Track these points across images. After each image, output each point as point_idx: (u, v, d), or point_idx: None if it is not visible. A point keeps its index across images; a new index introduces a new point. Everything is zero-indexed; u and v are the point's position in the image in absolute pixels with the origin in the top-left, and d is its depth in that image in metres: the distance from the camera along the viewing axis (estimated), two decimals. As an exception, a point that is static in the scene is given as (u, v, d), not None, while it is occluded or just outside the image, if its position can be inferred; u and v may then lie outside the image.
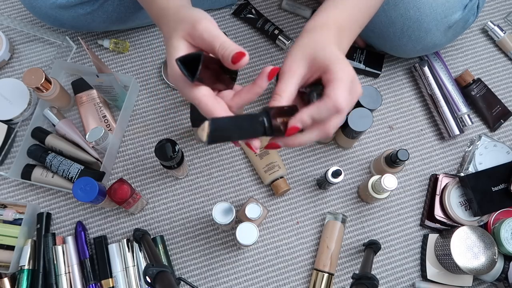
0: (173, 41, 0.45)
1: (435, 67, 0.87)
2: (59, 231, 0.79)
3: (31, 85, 0.74)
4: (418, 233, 0.80)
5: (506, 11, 0.95)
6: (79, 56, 0.89)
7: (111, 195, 0.69)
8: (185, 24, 0.45)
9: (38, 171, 0.77)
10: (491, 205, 0.76)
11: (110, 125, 0.83)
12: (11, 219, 0.75)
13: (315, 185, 0.82)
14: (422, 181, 0.83)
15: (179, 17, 0.47)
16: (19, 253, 0.73)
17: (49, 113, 0.80)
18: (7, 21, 0.87)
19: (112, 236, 0.79)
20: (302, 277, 0.78)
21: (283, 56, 0.90)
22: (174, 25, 0.46)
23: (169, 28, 0.47)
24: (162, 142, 0.66)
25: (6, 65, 0.88)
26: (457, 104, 0.84)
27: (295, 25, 0.92)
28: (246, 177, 0.82)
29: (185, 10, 0.47)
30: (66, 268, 0.74)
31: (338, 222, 0.77)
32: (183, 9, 0.48)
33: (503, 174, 0.77)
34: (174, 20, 0.47)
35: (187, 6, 0.49)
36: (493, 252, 0.72)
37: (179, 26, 0.46)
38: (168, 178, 0.82)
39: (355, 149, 0.85)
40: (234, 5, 0.93)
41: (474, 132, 0.86)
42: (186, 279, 0.70)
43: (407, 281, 0.78)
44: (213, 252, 0.78)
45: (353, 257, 0.79)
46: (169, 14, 0.48)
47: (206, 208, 0.81)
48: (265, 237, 0.79)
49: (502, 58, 0.91)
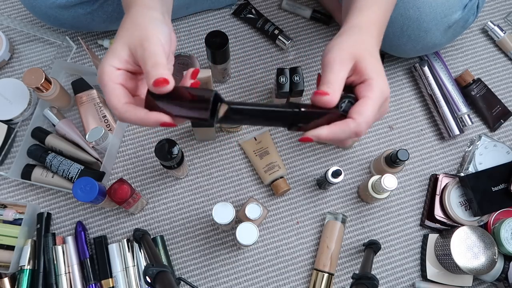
0: (116, 44, 0.44)
1: (435, 67, 0.87)
2: (59, 231, 0.79)
3: (31, 85, 0.74)
4: (418, 233, 0.80)
5: (506, 11, 0.95)
6: (79, 56, 0.89)
7: (111, 195, 0.69)
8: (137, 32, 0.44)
9: (38, 171, 0.77)
10: (491, 205, 0.76)
11: (110, 125, 0.83)
12: (11, 219, 0.75)
13: (315, 185, 0.82)
14: (422, 181, 0.83)
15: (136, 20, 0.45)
16: (19, 253, 0.73)
17: (49, 113, 0.80)
18: (7, 21, 0.87)
19: (112, 236, 0.79)
20: (302, 277, 0.78)
21: (283, 56, 0.90)
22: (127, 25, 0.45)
23: (122, 27, 0.46)
24: (162, 142, 0.66)
25: (6, 65, 0.88)
26: (457, 104, 0.84)
27: (295, 25, 0.92)
28: (246, 177, 0.82)
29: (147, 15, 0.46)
30: (66, 268, 0.74)
31: (338, 222, 0.77)
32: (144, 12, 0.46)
33: (503, 174, 0.77)
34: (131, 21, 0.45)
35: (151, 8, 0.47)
36: (493, 252, 0.72)
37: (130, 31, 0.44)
38: (168, 178, 0.82)
39: (355, 149, 0.85)
40: (234, 5, 0.93)
41: (474, 132, 0.86)
42: (186, 279, 0.70)
43: (407, 281, 0.78)
44: (213, 252, 0.78)
45: (353, 257, 0.79)
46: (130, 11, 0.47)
47: (206, 208, 0.81)
48: (265, 237, 0.79)
49: (502, 58, 0.91)
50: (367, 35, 0.48)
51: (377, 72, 0.45)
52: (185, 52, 0.88)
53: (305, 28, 0.92)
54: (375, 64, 0.45)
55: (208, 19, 0.92)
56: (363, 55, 0.45)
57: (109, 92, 0.43)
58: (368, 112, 0.43)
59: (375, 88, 0.44)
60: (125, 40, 0.44)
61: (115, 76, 0.43)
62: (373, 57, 0.46)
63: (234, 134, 0.85)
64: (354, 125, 0.42)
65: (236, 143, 0.84)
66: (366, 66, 0.44)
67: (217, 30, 0.72)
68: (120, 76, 0.44)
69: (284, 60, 0.90)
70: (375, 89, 0.44)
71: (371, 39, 0.48)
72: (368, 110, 0.43)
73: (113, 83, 0.43)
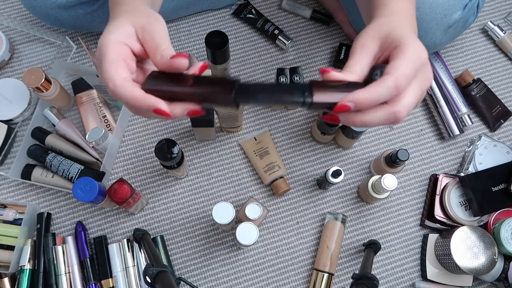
0: (119, 20, 0.41)
1: (435, 67, 0.87)
2: (59, 231, 0.79)
3: (31, 85, 0.74)
4: (418, 233, 0.80)
5: (506, 11, 0.95)
6: (79, 56, 0.89)
7: (111, 195, 0.69)
8: (142, 16, 0.41)
9: (38, 171, 0.77)
10: (491, 205, 0.76)
11: (110, 125, 0.83)
12: (11, 219, 0.75)
13: (315, 185, 0.82)
14: (422, 181, 0.83)
15: (137, 7, 0.43)
16: (19, 253, 0.73)
17: (49, 113, 0.80)
18: (7, 21, 0.88)
19: (112, 236, 0.79)
20: (302, 277, 0.78)
21: (283, 56, 0.90)
22: (130, 9, 0.43)
23: (122, 10, 0.43)
24: (162, 142, 0.66)
25: (6, 65, 0.88)
26: (457, 104, 0.84)
27: (295, 25, 0.92)
28: (246, 177, 0.82)
29: (146, 6, 0.44)
30: (66, 268, 0.74)
31: (338, 222, 0.77)
32: (144, 4, 0.44)
33: (503, 174, 0.77)
34: (131, 7, 0.43)
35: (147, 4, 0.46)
36: (493, 252, 0.72)
37: (135, 13, 0.42)
38: (168, 178, 0.82)
39: (355, 149, 0.85)
40: (234, 5, 0.93)
41: (474, 132, 0.86)
42: (186, 279, 0.70)
43: (407, 281, 0.78)
44: (213, 252, 0.78)
45: (353, 257, 0.79)
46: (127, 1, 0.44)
47: (206, 208, 0.81)
48: (265, 237, 0.79)
49: (502, 58, 0.91)
50: (397, 16, 0.44)
51: (409, 37, 0.39)
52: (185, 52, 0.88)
53: (305, 28, 0.92)
54: (407, 31, 0.40)
55: (208, 19, 0.92)
56: (392, 28, 0.41)
57: (109, 61, 0.38)
58: (403, 67, 0.37)
59: (407, 46, 0.38)
60: (130, 20, 0.41)
61: (120, 49, 0.39)
62: (405, 28, 0.41)
63: (234, 134, 0.85)
64: (391, 80, 0.36)
65: (236, 143, 0.84)
66: (398, 34, 0.40)
67: (217, 30, 0.72)
68: (125, 51, 0.40)
69: (284, 60, 0.90)
70: (407, 49, 0.38)
71: (402, 18, 0.44)
72: (402, 65, 0.37)
73: (116, 54, 0.39)
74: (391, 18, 0.44)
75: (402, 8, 0.46)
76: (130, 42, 0.40)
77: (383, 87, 0.36)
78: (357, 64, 0.40)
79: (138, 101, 0.37)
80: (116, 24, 0.40)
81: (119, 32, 0.40)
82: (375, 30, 0.42)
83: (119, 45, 0.39)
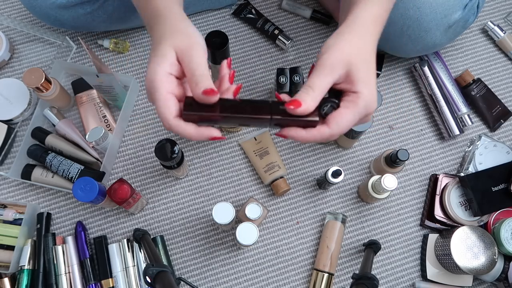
0: (163, 47, 0.44)
1: (435, 67, 0.87)
2: (59, 231, 0.79)
3: (31, 85, 0.74)
4: (418, 233, 0.80)
5: (506, 11, 0.95)
6: (79, 56, 0.89)
7: (111, 195, 0.69)
8: (183, 38, 0.44)
9: (38, 171, 0.77)
10: (491, 205, 0.76)
11: (110, 125, 0.83)
12: (11, 219, 0.75)
13: (315, 185, 0.82)
14: (422, 181, 0.83)
15: (178, 26, 0.46)
16: (19, 253, 0.73)
17: (49, 113, 0.80)
18: (7, 21, 0.88)
19: (112, 236, 0.79)
20: (302, 277, 0.78)
21: (283, 56, 0.90)
22: (170, 29, 0.45)
23: (164, 31, 0.46)
24: (162, 142, 0.66)
25: (6, 65, 0.88)
26: (457, 104, 0.84)
27: (295, 25, 0.92)
28: (246, 177, 0.82)
29: (186, 23, 0.47)
30: (66, 268, 0.74)
31: (338, 222, 0.77)
32: (183, 21, 0.47)
33: (503, 174, 0.77)
34: (171, 25, 0.46)
35: (186, 19, 0.48)
36: (493, 252, 0.72)
37: (175, 35, 0.45)
38: (168, 178, 0.82)
39: (355, 149, 0.85)
40: (234, 5, 0.93)
41: (474, 132, 0.86)
42: (186, 279, 0.70)
43: (407, 281, 0.78)
44: (213, 252, 0.78)
45: (353, 257, 0.79)
46: (167, 16, 0.47)
47: (206, 208, 0.81)
48: (265, 237, 0.79)
49: (502, 58, 0.91)
50: (367, 33, 0.48)
51: (367, 84, 0.45)
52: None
53: (305, 28, 0.92)
54: (367, 74, 0.45)
55: (208, 19, 0.92)
56: (357, 64, 0.45)
57: (161, 103, 0.42)
58: (345, 124, 0.44)
59: (360, 103, 0.44)
60: (171, 43, 0.44)
61: (168, 84, 0.43)
62: (367, 65, 0.46)
63: (234, 134, 0.85)
64: (328, 132, 0.44)
65: (236, 143, 0.84)
66: (357, 78, 0.44)
67: (217, 30, 0.72)
68: (172, 84, 0.43)
69: (284, 60, 0.90)
70: (360, 104, 0.44)
71: (370, 38, 0.48)
72: (346, 122, 0.44)
73: (167, 92, 0.42)
74: (359, 41, 0.47)
75: (374, 16, 0.49)
76: (174, 70, 0.44)
77: (318, 137, 0.44)
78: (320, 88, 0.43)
79: (192, 136, 0.43)
80: (161, 54, 0.44)
81: (165, 63, 0.43)
82: (345, 53, 0.45)
83: (166, 78, 0.43)
